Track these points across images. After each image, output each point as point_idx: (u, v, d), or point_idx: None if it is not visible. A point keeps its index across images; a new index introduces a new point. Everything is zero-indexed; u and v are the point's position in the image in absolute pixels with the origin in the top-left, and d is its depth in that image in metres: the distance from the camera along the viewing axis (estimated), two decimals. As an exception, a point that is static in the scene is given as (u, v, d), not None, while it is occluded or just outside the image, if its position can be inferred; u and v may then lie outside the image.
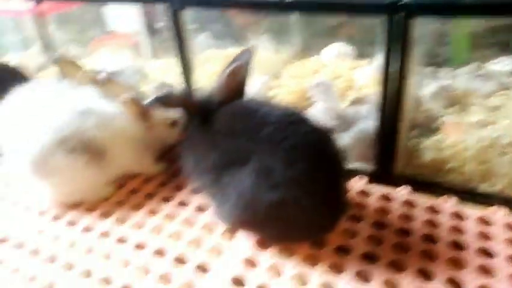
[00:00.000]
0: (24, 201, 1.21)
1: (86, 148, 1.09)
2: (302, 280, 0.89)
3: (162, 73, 1.91)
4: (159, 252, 0.98)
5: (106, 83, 1.18)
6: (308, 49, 2.15)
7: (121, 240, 1.03)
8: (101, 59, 2.01)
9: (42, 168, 1.07)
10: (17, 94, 1.20)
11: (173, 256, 0.97)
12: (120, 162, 1.18)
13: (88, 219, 1.11)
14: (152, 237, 1.03)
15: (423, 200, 1.09)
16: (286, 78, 1.80)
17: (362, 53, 2.02)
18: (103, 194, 1.18)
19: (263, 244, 0.98)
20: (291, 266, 0.92)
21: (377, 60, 1.90)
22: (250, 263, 0.94)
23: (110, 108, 1.15)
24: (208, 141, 0.97)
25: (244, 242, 0.99)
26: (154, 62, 2.05)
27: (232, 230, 1.03)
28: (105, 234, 1.06)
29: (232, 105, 1.00)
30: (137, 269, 0.94)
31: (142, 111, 1.19)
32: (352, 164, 1.23)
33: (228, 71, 1.02)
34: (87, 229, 1.08)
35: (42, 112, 1.11)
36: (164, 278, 0.92)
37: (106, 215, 1.12)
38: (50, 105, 1.11)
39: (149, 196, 1.19)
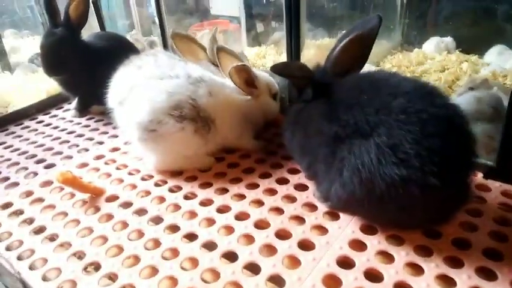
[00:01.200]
0: (131, 166, 1.26)
1: (196, 116, 1.11)
2: (415, 270, 0.82)
3: (259, 59, 1.92)
4: (260, 224, 0.97)
5: (218, 52, 1.19)
6: (408, 42, 2.05)
7: (223, 209, 1.03)
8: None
9: (151, 133, 1.10)
10: (132, 63, 1.26)
11: (274, 229, 0.94)
12: (225, 133, 1.19)
13: (189, 187, 1.13)
14: (253, 209, 1.02)
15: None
16: (389, 68, 1.72)
17: (463, 47, 1.89)
18: (204, 165, 1.20)
19: (369, 229, 0.93)
20: (404, 254, 0.85)
21: (489, 55, 1.77)
22: (357, 245, 0.89)
23: (220, 79, 1.16)
24: (325, 113, 0.92)
25: (349, 224, 0.95)
26: (249, 48, 2.07)
27: (335, 211, 0.98)
28: (207, 202, 1.06)
29: (356, 76, 0.94)
30: (240, 238, 0.93)
31: (249, 80, 1.19)
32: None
33: (346, 40, 0.96)
34: (189, 196, 1.10)
35: (156, 79, 1.14)
36: (267, 249, 0.90)
37: (206, 185, 1.13)
38: (164, 73, 1.14)
39: (248, 171, 1.18)
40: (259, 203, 1.04)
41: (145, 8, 2.59)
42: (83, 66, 1.54)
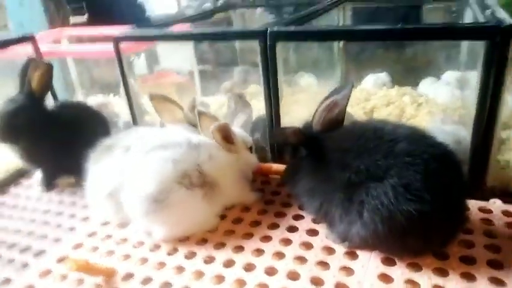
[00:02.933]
0: (132, 239, 1.23)
1: (203, 182, 1.14)
2: (440, 291, 0.94)
3: (219, 109, 1.98)
4: (292, 275, 1.01)
5: (200, 115, 1.24)
6: (347, 80, 2.27)
7: (248, 268, 1.06)
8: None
9: (160, 204, 1.10)
10: (115, 147, 1.26)
11: (307, 277, 1.00)
12: (228, 193, 1.23)
13: (204, 250, 1.14)
14: (277, 262, 1.06)
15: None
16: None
17: (396, 80, 2.16)
18: (211, 225, 1.21)
19: (388, 261, 1.03)
20: (427, 278, 0.96)
21: (422, 86, 2.03)
22: (385, 279, 0.98)
23: (213, 141, 1.21)
24: (333, 162, 1.04)
25: (370, 260, 1.04)
26: (205, 98, 2.13)
27: (352, 250, 1.07)
28: (228, 263, 1.08)
29: (355, 126, 1.10)
30: (280, 293, 0.97)
31: (228, 137, 1.25)
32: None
33: (325, 104, 1.12)
34: (208, 260, 1.10)
35: (154, 148, 1.15)
36: (309, 300, 0.95)
37: (220, 245, 1.15)
38: (162, 141, 1.16)
39: (255, 224, 1.23)
40: (280, 254, 1.09)
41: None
42: (45, 136, 1.47)
